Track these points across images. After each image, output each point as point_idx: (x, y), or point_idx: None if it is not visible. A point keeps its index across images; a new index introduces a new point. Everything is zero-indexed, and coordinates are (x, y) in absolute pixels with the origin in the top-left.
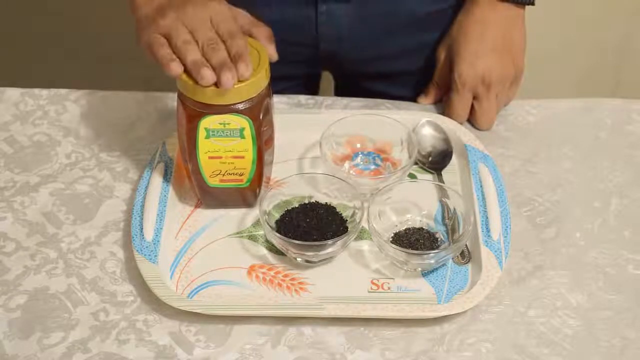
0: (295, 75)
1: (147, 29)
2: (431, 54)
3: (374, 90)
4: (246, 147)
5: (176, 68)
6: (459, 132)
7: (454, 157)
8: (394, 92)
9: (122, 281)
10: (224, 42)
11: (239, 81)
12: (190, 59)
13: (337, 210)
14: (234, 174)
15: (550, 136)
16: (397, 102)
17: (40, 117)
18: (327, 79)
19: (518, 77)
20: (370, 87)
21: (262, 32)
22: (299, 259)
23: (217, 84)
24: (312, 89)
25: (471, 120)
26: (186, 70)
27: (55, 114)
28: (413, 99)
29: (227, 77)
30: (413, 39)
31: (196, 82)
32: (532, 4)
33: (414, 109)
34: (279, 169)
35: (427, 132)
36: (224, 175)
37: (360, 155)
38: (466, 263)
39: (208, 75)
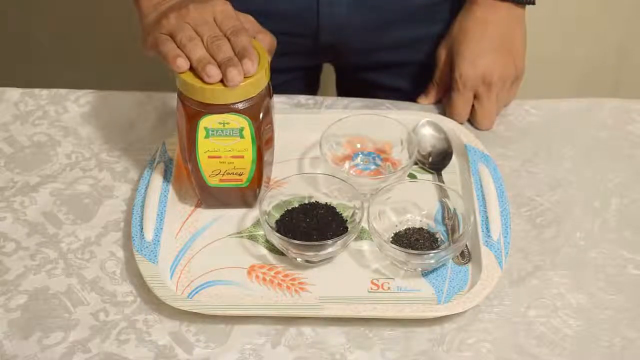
0: (296, 67)
1: (152, 32)
2: (431, 46)
3: (374, 81)
4: (245, 146)
5: (182, 63)
6: (459, 132)
7: (454, 157)
8: (393, 83)
9: (122, 281)
10: (228, 39)
11: (244, 77)
12: (195, 57)
13: (337, 210)
14: (233, 173)
15: (550, 136)
16: (397, 102)
17: (40, 117)
18: (327, 74)
19: (519, 77)
20: (369, 79)
21: (265, 40)
22: (299, 259)
23: (222, 81)
24: (312, 81)
25: (471, 120)
26: (191, 68)
27: (55, 114)
28: (413, 91)
29: (233, 74)
30: (413, 30)
31: (202, 79)
32: (533, 3)
33: (414, 109)
34: (279, 169)
35: (427, 132)
36: (223, 175)
37: (360, 155)
38: (466, 263)
39: (214, 73)
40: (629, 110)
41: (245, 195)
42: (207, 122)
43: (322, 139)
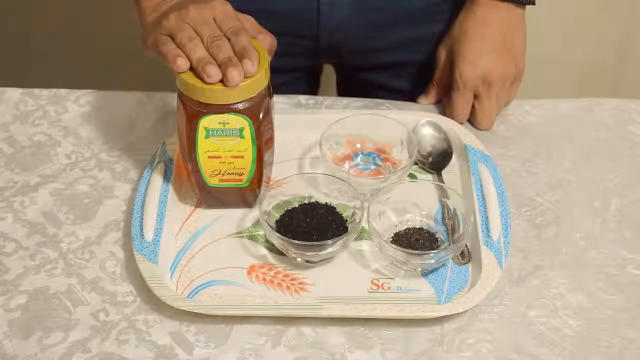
0: (296, 67)
1: (152, 32)
2: (431, 46)
3: (374, 81)
4: (245, 146)
5: (182, 63)
6: (459, 132)
7: (454, 157)
8: (394, 83)
9: (122, 281)
10: (228, 39)
11: (244, 77)
12: (195, 57)
13: (337, 210)
14: (233, 173)
15: (550, 136)
16: (397, 102)
17: (40, 117)
18: (327, 74)
19: (519, 77)
20: (370, 79)
21: (265, 40)
22: (299, 259)
23: (223, 81)
24: (312, 81)
25: (471, 120)
26: (191, 68)
27: (55, 114)
28: (413, 91)
29: (233, 74)
30: (413, 31)
31: (202, 79)
32: (533, 3)
33: (414, 109)
34: (279, 169)
35: (427, 132)
36: (223, 175)
37: (360, 155)
38: (466, 263)
39: (214, 73)
40: (629, 110)
41: (245, 195)
42: (207, 122)
43: (322, 139)
